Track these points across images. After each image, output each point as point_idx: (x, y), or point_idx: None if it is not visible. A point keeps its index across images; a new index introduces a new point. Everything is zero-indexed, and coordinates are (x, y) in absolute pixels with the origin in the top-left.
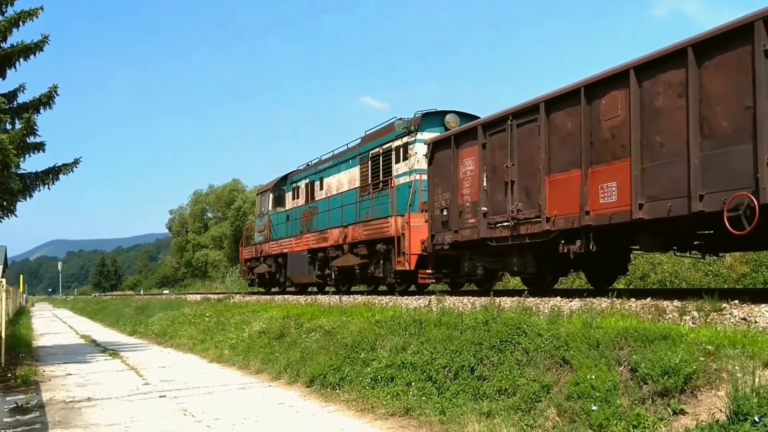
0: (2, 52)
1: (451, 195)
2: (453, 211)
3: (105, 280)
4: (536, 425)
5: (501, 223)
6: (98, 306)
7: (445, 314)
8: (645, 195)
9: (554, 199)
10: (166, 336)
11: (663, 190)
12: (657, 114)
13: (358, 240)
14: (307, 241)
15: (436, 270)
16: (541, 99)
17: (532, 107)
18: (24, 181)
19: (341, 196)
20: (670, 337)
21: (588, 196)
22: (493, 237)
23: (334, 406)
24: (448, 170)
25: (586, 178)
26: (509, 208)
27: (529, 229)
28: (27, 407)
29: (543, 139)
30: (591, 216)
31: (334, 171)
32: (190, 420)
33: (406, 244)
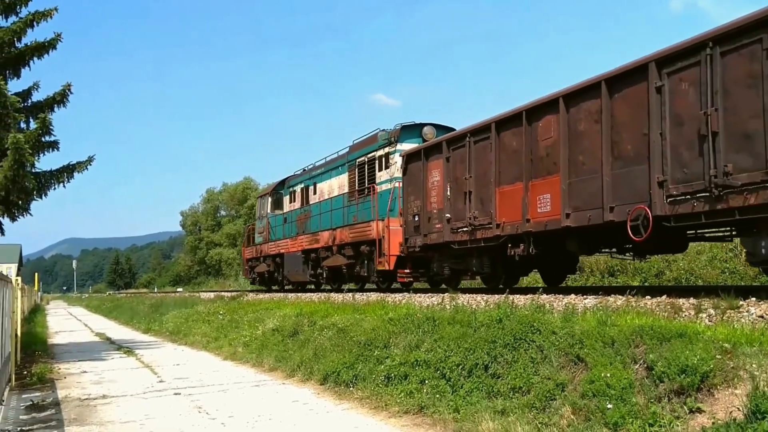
0: (16, 51)
1: (421, 202)
2: (423, 217)
3: (119, 278)
4: (551, 423)
5: (461, 228)
6: (113, 304)
7: (458, 312)
8: (571, 206)
9: (503, 208)
10: (180, 334)
11: (584, 202)
12: (580, 136)
13: (345, 242)
14: (302, 242)
15: (413, 270)
16: (492, 120)
17: (486, 127)
18: (39, 180)
19: (331, 201)
20: (686, 335)
21: (528, 206)
22: (456, 240)
23: (347, 404)
24: (419, 180)
25: (527, 190)
26: (467, 215)
27: (484, 234)
28: (43, 405)
29: (494, 155)
30: (531, 223)
31: (326, 177)
32: (204, 417)
33: (386, 246)
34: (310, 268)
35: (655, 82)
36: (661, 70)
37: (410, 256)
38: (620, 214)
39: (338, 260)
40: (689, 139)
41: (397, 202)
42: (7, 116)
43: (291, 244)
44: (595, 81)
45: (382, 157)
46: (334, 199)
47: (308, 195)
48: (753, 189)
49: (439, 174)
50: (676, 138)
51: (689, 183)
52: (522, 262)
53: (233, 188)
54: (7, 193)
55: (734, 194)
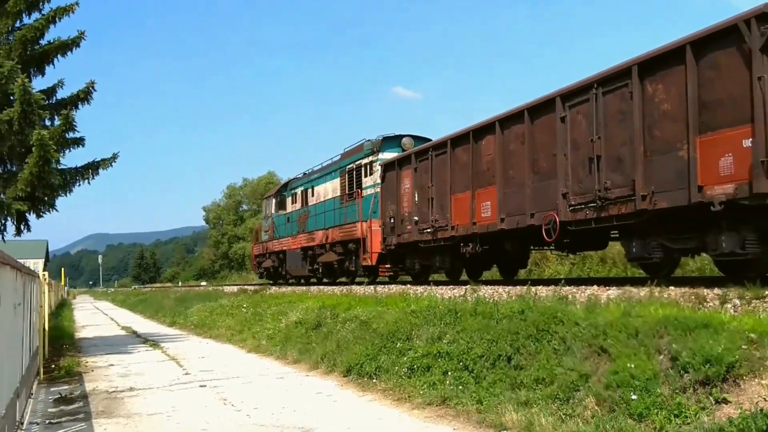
0: (40, 49)
1: (395, 207)
2: (397, 220)
3: (144, 272)
4: (575, 414)
5: (426, 229)
6: (138, 298)
7: (480, 304)
8: (504, 212)
9: (456, 213)
10: (205, 327)
11: (514, 209)
12: (511, 154)
13: (336, 240)
14: (301, 240)
15: (393, 265)
16: (449, 137)
17: (444, 143)
18: (64, 177)
19: (325, 203)
20: (711, 325)
21: (475, 211)
22: (422, 240)
23: (371, 396)
24: (394, 187)
25: (474, 198)
26: (430, 219)
27: (443, 235)
28: (71, 397)
29: (449, 167)
30: (477, 226)
31: (322, 181)
32: (230, 409)
33: (369, 245)
34: (308, 263)
35: (560, 113)
36: (565, 104)
37: (388, 253)
38: (538, 219)
39: (331, 257)
40: (583, 160)
41: (379, 206)
42: (32, 113)
43: (292, 242)
44: (520, 109)
45: (367, 164)
46: (327, 201)
47: (307, 197)
48: (623, 201)
49: (409, 182)
50: (574, 159)
51: (583, 195)
52: (482, 258)
53: (256, 183)
54: (33, 190)
55: (612, 205)
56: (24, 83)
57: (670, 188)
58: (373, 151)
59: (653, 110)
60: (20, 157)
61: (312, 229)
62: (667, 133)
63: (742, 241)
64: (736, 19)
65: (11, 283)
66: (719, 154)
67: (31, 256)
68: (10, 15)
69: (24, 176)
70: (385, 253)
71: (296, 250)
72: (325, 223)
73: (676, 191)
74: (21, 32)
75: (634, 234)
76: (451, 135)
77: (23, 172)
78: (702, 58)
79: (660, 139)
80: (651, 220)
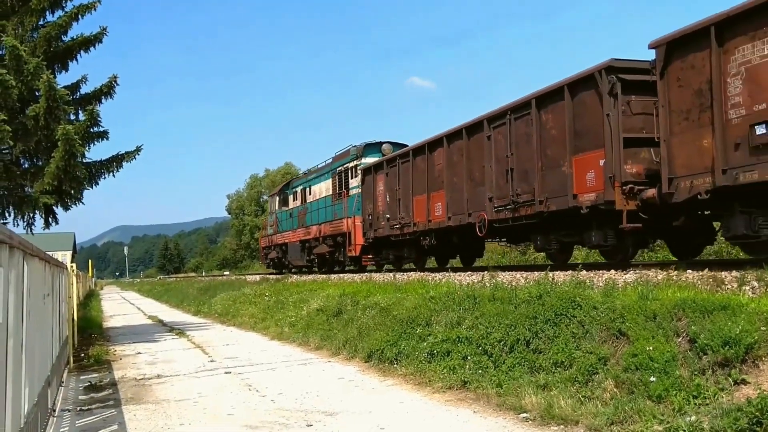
0: (64, 46)
1: (372, 206)
2: (374, 217)
3: (168, 263)
4: (594, 397)
5: (395, 225)
6: (163, 288)
7: (498, 289)
8: (451, 212)
9: (417, 212)
10: (229, 315)
11: (457, 209)
12: (454, 165)
13: (327, 234)
14: (300, 234)
15: (374, 255)
16: (410, 148)
17: (407, 153)
18: (89, 170)
19: (319, 201)
20: (729, 307)
21: (430, 211)
22: (392, 234)
23: (392, 380)
24: (371, 189)
25: (429, 200)
26: (398, 216)
27: (408, 230)
28: (100, 385)
29: (411, 173)
30: (432, 223)
31: (317, 181)
32: (255, 395)
33: (353, 238)
34: (306, 254)
35: (487, 132)
36: (490, 125)
37: (370, 245)
38: (474, 218)
39: (323, 248)
40: (502, 171)
41: (361, 204)
42: (57, 109)
43: (292, 236)
44: (460, 128)
45: (352, 168)
46: (321, 199)
47: (306, 195)
48: (528, 204)
49: (382, 185)
50: (497, 170)
51: (503, 199)
52: (443, 249)
53: (274, 174)
54: (59, 183)
55: (521, 207)
56: (49, 79)
57: (558, 195)
58: (357, 156)
59: (546, 134)
60: (46, 152)
61: (309, 224)
62: (555, 152)
63: (605, 236)
64: (593, 69)
65: (40, 274)
66: (586, 170)
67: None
68: (35, 13)
69: (50, 170)
70: (367, 245)
71: (296, 243)
72: (319, 219)
73: (561, 197)
74: (45, 30)
75: (540, 231)
76: (413, 146)
77: (50, 167)
78: (575, 96)
79: (550, 157)
80: (548, 219)
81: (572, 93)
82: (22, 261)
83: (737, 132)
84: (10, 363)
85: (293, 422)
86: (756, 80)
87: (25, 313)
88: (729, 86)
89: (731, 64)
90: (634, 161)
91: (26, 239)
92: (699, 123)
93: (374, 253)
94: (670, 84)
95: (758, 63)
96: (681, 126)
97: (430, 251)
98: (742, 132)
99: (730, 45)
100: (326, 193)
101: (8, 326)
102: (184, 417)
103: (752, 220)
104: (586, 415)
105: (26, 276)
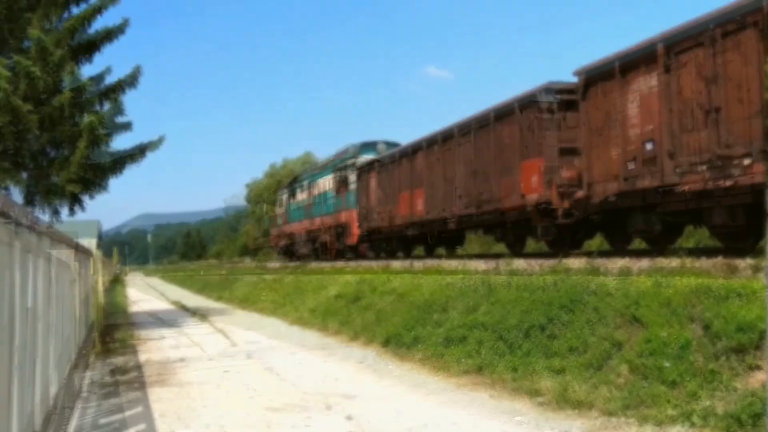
0: (88, 38)
1: (366, 200)
2: (367, 210)
3: (191, 250)
4: (608, 381)
5: (385, 218)
6: (186, 274)
7: (513, 276)
8: (429, 207)
9: (402, 206)
10: (249, 301)
11: (434, 206)
12: (432, 167)
13: (329, 225)
14: (305, 225)
15: (370, 244)
16: (397, 150)
17: (395, 154)
18: (114, 159)
19: (322, 195)
20: (743, 294)
21: (413, 206)
22: (382, 226)
23: (409, 365)
24: (365, 185)
25: (412, 196)
26: (387, 210)
27: (394, 222)
28: (126, 368)
29: (397, 173)
30: (415, 216)
31: (321, 176)
32: (275, 378)
33: (351, 228)
34: (311, 243)
35: (457, 140)
36: (460, 133)
37: (364, 236)
38: (447, 213)
39: (325, 238)
40: (468, 173)
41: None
42: (82, 99)
43: (299, 227)
44: (437, 135)
45: (351, 164)
46: (324, 193)
47: (311, 189)
48: (488, 203)
49: (374, 182)
50: (464, 172)
51: (470, 197)
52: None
53: (293, 163)
54: (84, 172)
55: (484, 204)
56: (73, 71)
57: (510, 195)
58: (354, 154)
59: (502, 143)
60: (72, 142)
61: (314, 216)
62: (508, 159)
63: (548, 230)
64: (535, 89)
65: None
66: (531, 174)
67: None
68: (59, 6)
69: (76, 159)
70: (363, 236)
71: (302, 233)
72: (322, 211)
73: (513, 197)
74: (69, 22)
75: (499, 224)
76: (400, 149)
77: (75, 156)
78: (523, 111)
79: (505, 162)
80: (505, 215)
81: (521, 109)
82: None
83: (634, 147)
84: (39, 345)
85: (313, 405)
86: (646, 106)
87: (54, 297)
88: (629, 110)
89: (630, 93)
90: (568, 167)
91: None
92: (609, 139)
93: (369, 243)
94: (589, 105)
95: (647, 93)
96: (597, 140)
97: (415, 241)
98: (638, 147)
99: (629, 77)
100: (328, 187)
101: (38, 311)
102: (207, 399)
103: (648, 217)
104: (601, 399)
105: (54, 262)
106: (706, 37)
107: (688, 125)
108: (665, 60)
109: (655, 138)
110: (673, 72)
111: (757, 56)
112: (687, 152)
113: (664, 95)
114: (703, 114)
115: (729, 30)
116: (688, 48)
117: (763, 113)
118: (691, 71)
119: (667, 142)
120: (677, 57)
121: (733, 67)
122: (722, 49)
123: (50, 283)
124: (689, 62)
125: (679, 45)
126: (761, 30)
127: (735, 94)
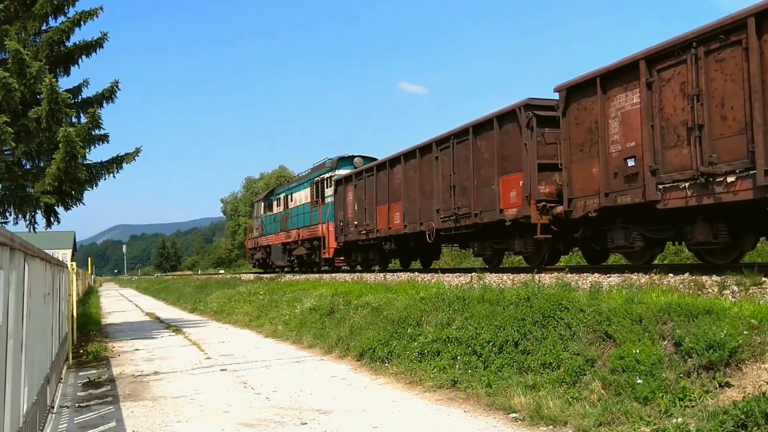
0: (66, 50)
1: (343, 213)
2: (344, 223)
3: (165, 261)
4: (581, 398)
5: (361, 231)
6: (160, 285)
7: (487, 291)
8: (407, 221)
9: (380, 219)
10: (224, 313)
11: (412, 219)
12: (410, 180)
13: (305, 238)
14: (282, 237)
15: (346, 257)
16: (374, 164)
17: (371, 168)
18: (90, 171)
19: (299, 208)
20: (713, 311)
21: (390, 219)
22: (360, 239)
23: (383, 379)
24: (342, 198)
25: (389, 210)
26: (364, 223)
27: (372, 236)
28: (99, 381)
29: (375, 186)
30: (392, 230)
31: (298, 189)
32: (250, 392)
33: (327, 242)
34: (287, 255)
35: (435, 153)
36: (438, 147)
37: (340, 248)
38: (425, 227)
39: (301, 250)
40: (447, 187)
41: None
42: (59, 111)
43: (275, 239)
44: (414, 148)
45: (327, 178)
46: (301, 206)
47: (288, 202)
48: (467, 216)
49: (351, 195)
50: (443, 186)
51: (447, 211)
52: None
53: (268, 177)
54: (60, 184)
55: (462, 218)
56: (51, 83)
57: (489, 209)
58: (331, 168)
59: (480, 157)
60: (48, 153)
61: (290, 228)
62: (487, 173)
63: (526, 245)
64: (514, 105)
65: (40, 274)
66: (510, 189)
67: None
68: (37, 18)
69: (51, 171)
70: (339, 248)
71: (278, 245)
72: (299, 224)
73: (491, 211)
74: (48, 34)
75: (476, 239)
76: (377, 162)
77: (51, 168)
78: (502, 127)
79: (483, 176)
80: (482, 229)
81: (500, 124)
82: (23, 262)
83: (615, 163)
84: (9, 365)
85: (288, 420)
86: (628, 122)
87: (26, 313)
88: (610, 126)
89: (611, 109)
90: (547, 183)
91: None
92: (590, 154)
93: (345, 256)
94: (570, 121)
95: (629, 109)
96: (577, 156)
97: (392, 254)
98: (619, 163)
99: (610, 93)
100: (305, 200)
101: (8, 328)
102: (180, 414)
103: (629, 233)
104: (575, 416)
105: (27, 277)
106: (688, 55)
107: (670, 142)
108: (647, 77)
109: (636, 154)
110: (655, 89)
111: (740, 74)
112: (669, 169)
113: (646, 112)
114: (685, 131)
115: (712, 48)
116: (671, 65)
117: (746, 130)
118: (673, 88)
119: (649, 159)
120: (659, 74)
121: (716, 84)
122: (705, 67)
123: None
124: (672, 79)
125: (661, 62)
126: (744, 48)
127: (718, 111)
